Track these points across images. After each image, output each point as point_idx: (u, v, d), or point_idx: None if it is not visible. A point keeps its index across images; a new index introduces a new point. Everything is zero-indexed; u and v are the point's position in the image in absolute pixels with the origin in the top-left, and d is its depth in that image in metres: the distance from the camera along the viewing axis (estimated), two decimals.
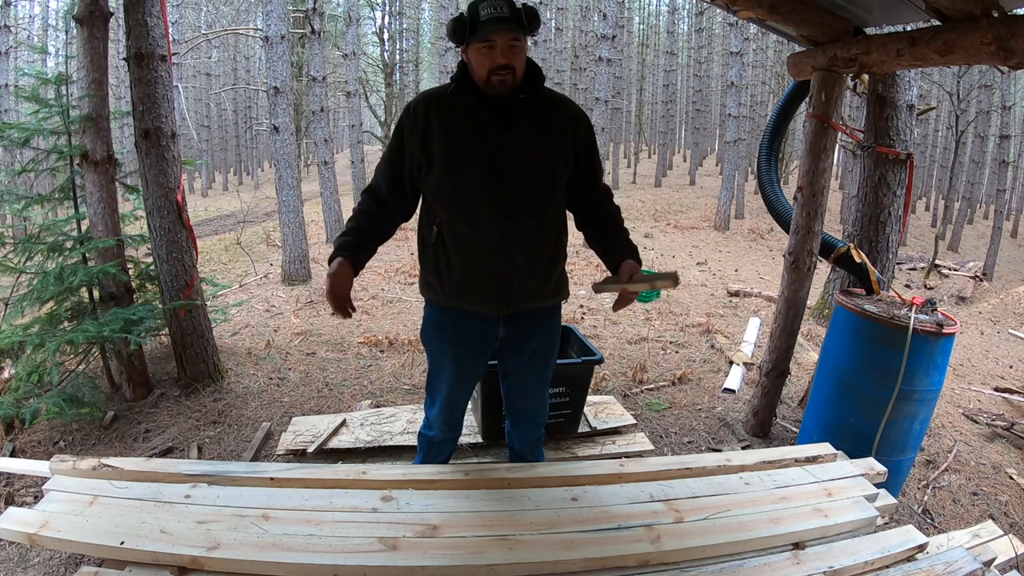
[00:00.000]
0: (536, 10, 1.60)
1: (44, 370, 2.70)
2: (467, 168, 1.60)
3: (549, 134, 1.64)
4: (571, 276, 7.28)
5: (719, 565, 1.59)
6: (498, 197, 1.60)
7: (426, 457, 2.07)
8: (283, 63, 6.08)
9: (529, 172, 1.62)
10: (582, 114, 1.73)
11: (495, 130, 1.60)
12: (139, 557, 1.51)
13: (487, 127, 1.60)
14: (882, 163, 3.36)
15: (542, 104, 1.66)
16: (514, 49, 1.54)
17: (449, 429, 2.01)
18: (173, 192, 3.02)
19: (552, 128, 1.65)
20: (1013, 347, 5.27)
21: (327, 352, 4.03)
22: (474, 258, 1.65)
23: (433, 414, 1.95)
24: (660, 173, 20.24)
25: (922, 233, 16.12)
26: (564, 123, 1.66)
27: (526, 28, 1.53)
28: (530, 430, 2.02)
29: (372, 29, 19.87)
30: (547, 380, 1.93)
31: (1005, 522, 2.43)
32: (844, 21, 2.54)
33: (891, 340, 2.25)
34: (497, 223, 1.62)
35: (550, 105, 1.67)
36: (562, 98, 1.71)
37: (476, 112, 1.60)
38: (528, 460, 2.07)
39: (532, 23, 1.55)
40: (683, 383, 3.70)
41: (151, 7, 2.84)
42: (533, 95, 1.63)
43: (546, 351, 1.86)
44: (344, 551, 1.52)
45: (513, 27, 1.51)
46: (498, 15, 1.49)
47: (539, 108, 1.65)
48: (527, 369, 1.87)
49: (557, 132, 1.65)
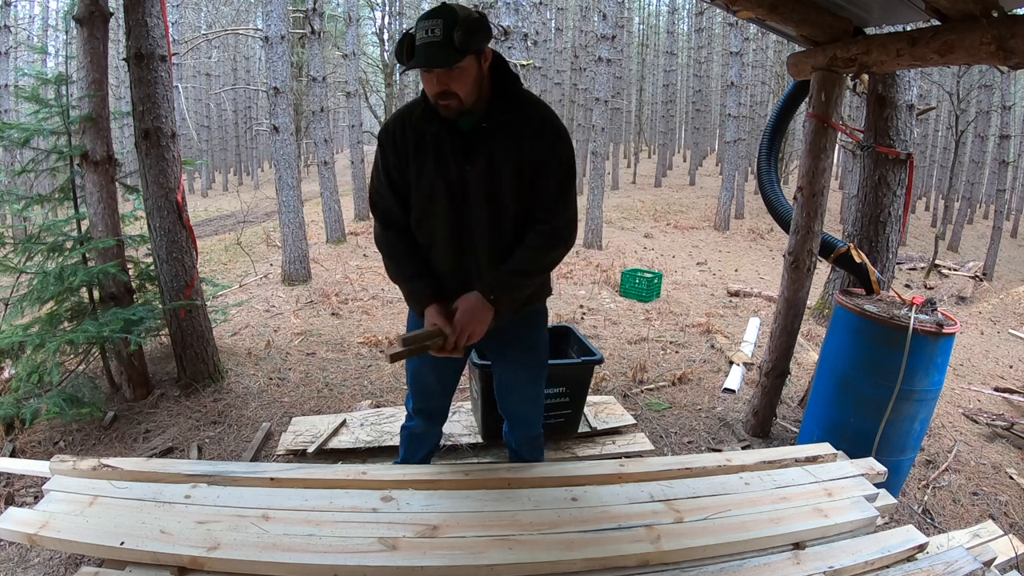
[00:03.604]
0: (480, 23, 1.42)
1: (44, 370, 2.70)
2: (431, 204, 1.58)
3: (513, 163, 1.52)
4: (571, 276, 7.29)
5: (719, 565, 1.59)
6: (459, 234, 1.59)
7: (407, 452, 2.07)
8: (283, 63, 6.08)
9: (490, 209, 1.55)
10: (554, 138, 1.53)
11: (458, 162, 1.52)
12: (139, 557, 1.51)
13: (450, 159, 1.53)
14: (882, 163, 3.36)
15: (510, 128, 1.51)
16: (453, 74, 1.41)
17: (427, 421, 1.99)
18: (173, 192, 3.02)
19: (519, 156, 1.51)
20: (1013, 347, 5.27)
21: (327, 352, 4.03)
22: (443, 280, 1.65)
23: (410, 404, 1.97)
24: (660, 173, 20.25)
25: (922, 233, 16.13)
26: (532, 149, 1.51)
27: (460, 51, 1.38)
28: (525, 429, 2.02)
29: (372, 29, 19.88)
30: (536, 378, 1.91)
31: (1005, 522, 2.43)
32: (844, 21, 2.54)
33: (891, 340, 2.25)
34: (460, 257, 1.63)
35: (518, 128, 1.51)
36: (536, 117, 1.53)
37: (441, 141, 1.52)
38: (527, 459, 2.07)
39: (471, 41, 1.38)
40: (683, 383, 3.70)
41: (151, 7, 2.84)
42: (499, 118, 1.50)
43: (529, 351, 1.84)
44: (344, 551, 1.52)
45: (443, 58, 1.37)
46: (430, 40, 1.37)
47: (505, 134, 1.51)
48: (512, 370, 1.88)
49: (524, 160, 1.52)
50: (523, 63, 3.88)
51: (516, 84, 1.56)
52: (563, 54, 23.04)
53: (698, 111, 23.75)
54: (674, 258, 9.43)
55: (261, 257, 7.83)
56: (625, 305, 5.77)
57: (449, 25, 1.36)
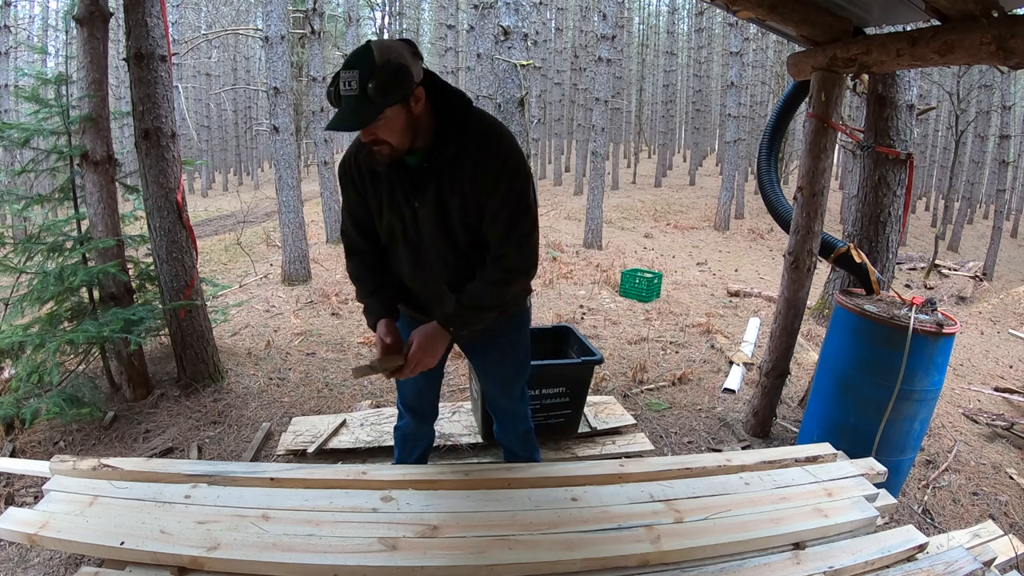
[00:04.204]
0: (399, 71, 1.31)
1: (44, 370, 2.70)
2: (391, 237, 1.62)
3: (461, 197, 1.48)
4: (571, 276, 7.28)
5: (719, 565, 1.59)
6: (420, 264, 1.62)
7: (401, 452, 2.08)
8: (283, 63, 6.08)
9: (444, 242, 1.55)
10: (500, 169, 1.46)
11: (407, 199, 1.51)
12: (139, 557, 1.51)
13: (399, 196, 1.52)
14: (882, 163, 3.36)
15: (455, 163, 1.45)
16: (378, 124, 1.35)
17: (416, 420, 1.99)
18: (173, 192, 3.02)
19: (465, 190, 1.47)
20: (1013, 347, 5.27)
21: (327, 352, 4.03)
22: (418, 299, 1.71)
23: (399, 402, 1.99)
24: (660, 173, 20.26)
25: (922, 233, 16.13)
26: (478, 182, 1.46)
27: (377, 108, 1.30)
28: (512, 424, 2.03)
29: (372, 29, 19.89)
30: (518, 376, 1.92)
31: (1005, 522, 2.43)
32: (844, 21, 2.54)
33: (891, 340, 2.25)
34: (422, 284, 1.66)
35: (462, 163, 1.45)
36: (481, 149, 1.45)
37: (390, 178, 1.51)
38: (519, 455, 2.07)
39: (388, 95, 1.30)
40: (683, 383, 3.70)
41: (151, 7, 2.84)
42: (442, 155, 1.45)
43: (509, 350, 1.85)
44: (344, 551, 1.52)
45: (357, 119, 1.31)
46: (348, 93, 1.29)
47: (450, 169, 1.46)
48: (494, 369, 1.90)
49: (472, 193, 1.48)
50: (523, 63, 3.88)
51: (460, 114, 1.46)
52: (563, 54, 23.06)
53: (698, 111, 23.75)
54: (674, 258, 9.43)
55: (261, 257, 7.83)
56: (625, 305, 5.77)
57: (364, 77, 1.27)
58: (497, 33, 3.90)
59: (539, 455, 2.14)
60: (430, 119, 1.44)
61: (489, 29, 8.66)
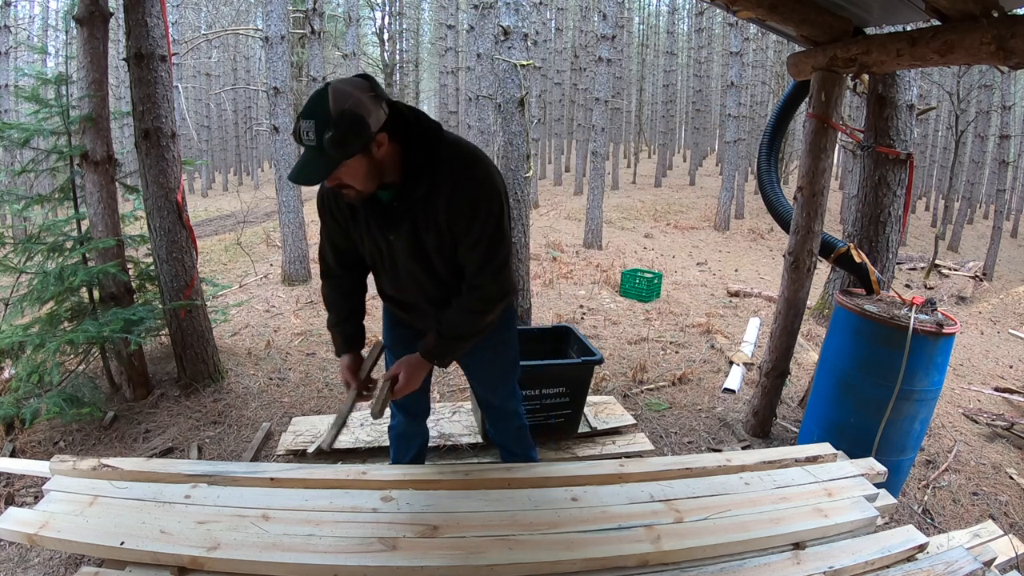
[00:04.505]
0: (355, 122, 1.26)
1: (44, 370, 2.70)
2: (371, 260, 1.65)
3: (435, 231, 1.48)
4: (571, 276, 7.27)
5: (719, 565, 1.59)
6: (399, 285, 1.66)
7: (397, 451, 2.09)
8: (283, 63, 6.08)
9: (422, 272, 1.57)
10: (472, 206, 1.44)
11: (383, 232, 1.52)
12: (139, 557, 1.51)
13: (375, 229, 1.53)
14: (882, 163, 3.36)
15: (426, 200, 1.44)
16: (340, 171, 1.33)
17: (408, 418, 2.00)
18: (173, 192, 3.02)
19: (439, 225, 1.47)
20: (1013, 347, 5.27)
21: (327, 352, 4.03)
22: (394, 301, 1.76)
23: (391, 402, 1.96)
24: (660, 173, 20.25)
25: (922, 233, 16.13)
26: (451, 218, 1.46)
27: (333, 161, 1.28)
28: (506, 422, 2.03)
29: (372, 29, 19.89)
30: (509, 372, 1.93)
31: (1005, 522, 2.43)
32: (844, 21, 2.54)
33: (891, 340, 2.25)
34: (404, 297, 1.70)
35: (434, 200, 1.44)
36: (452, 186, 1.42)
37: (365, 212, 1.51)
38: (515, 452, 2.08)
39: (344, 149, 1.27)
40: (683, 383, 3.70)
41: (151, 7, 2.84)
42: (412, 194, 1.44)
43: (499, 350, 1.87)
44: (344, 551, 1.52)
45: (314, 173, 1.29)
46: (306, 143, 1.28)
47: (422, 206, 1.45)
48: (483, 369, 1.91)
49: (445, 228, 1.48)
50: (523, 63, 3.88)
51: (429, 149, 1.43)
52: (563, 54, 23.05)
53: (698, 111, 23.75)
54: (674, 258, 9.43)
55: (261, 257, 7.83)
56: (625, 305, 5.77)
57: (320, 129, 1.24)
58: (497, 33, 3.90)
59: (535, 453, 2.14)
60: (398, 157, 1.41)
61: (489, 29, 8.66)
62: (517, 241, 3.92)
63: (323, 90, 1.28)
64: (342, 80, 1.31)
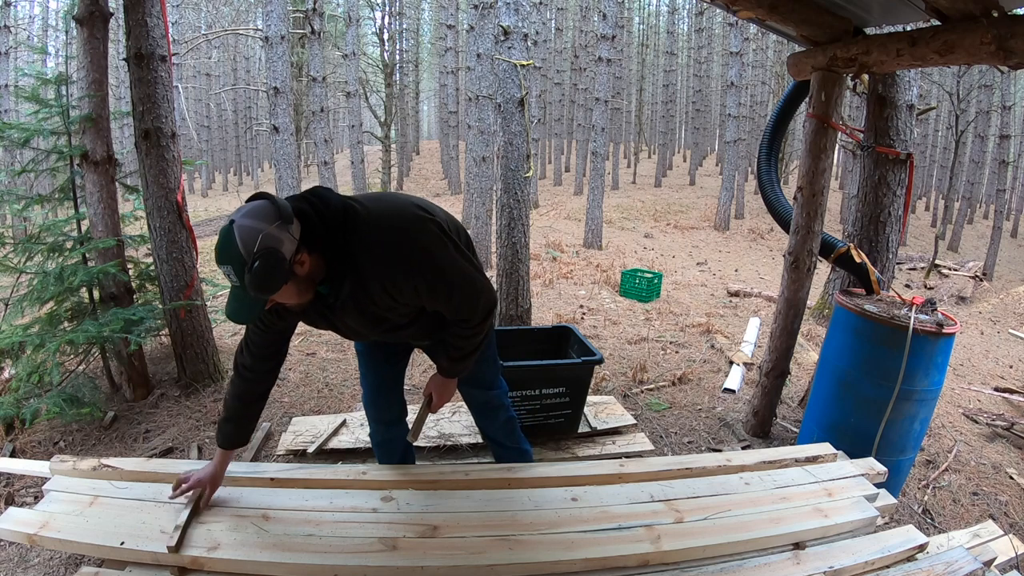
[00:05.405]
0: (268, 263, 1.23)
1: (44, 370, 2.70)
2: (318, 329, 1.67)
3: (379, 307, 1.49)
4: (571, 276, 7.26)
5: (719, 565, 1.59)
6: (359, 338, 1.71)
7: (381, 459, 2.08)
8: (283, 63, 6.08)
9: (375, 330, 1.60)
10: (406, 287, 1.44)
11: (334, 317, 1.54)
12: (139, 557, 1.51)
13: (318, 315, 1.54)
14: (882, 163, 3.36)
15: (359, 289, 1.44)
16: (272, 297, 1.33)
17: (383, 426, 1.98)
18: (173, 192, 3.02)
19: (380, 304, 1.48)
20: (1013, 347, 5.27)
21: (327, 352, 4.03)
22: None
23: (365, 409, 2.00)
24: (660, 173, 20.26)
25: (922, 233, 16.13)
26: (393, 299, 1.47)
27: (259, 303, 1.30)
28: (493, 414, 2.04)
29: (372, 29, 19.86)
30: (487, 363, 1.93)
31: (1005, 522, 2.43)
32: (844, 21, 2.54)
33: (891, 340, 2.25)
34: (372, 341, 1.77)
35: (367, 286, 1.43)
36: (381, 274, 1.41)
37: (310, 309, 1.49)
38: (506, 445, 2.08)
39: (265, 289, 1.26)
40: (683, 383, 3.70)
41: (151, 7, 2.84)
42: (344, 294, 1.44)
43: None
44: (344, 551, 1.52)
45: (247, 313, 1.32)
46: (232, 283, 1.27)
47: (358, 294, 1.45)
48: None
49: (393, 304, 1.49)
50: (523, 63, 3.88)
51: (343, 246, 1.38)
52: (563, 54, 23.05)
53: (698, 111, 23.75)
54: (674, 258, 9.43)
55: None
56: (625, 305, 5.77)
57: (239, 272, 1.23)
58: (497, 33, 3.90)
59: (527, 445, 2.15)
60: (320, 259, 1.39)
61: (489, 29, 8.65)
62: (517, 241, 3.92)
63: (229, 231, 1.24)
64: (245, 214, 1.25)
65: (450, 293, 1.50)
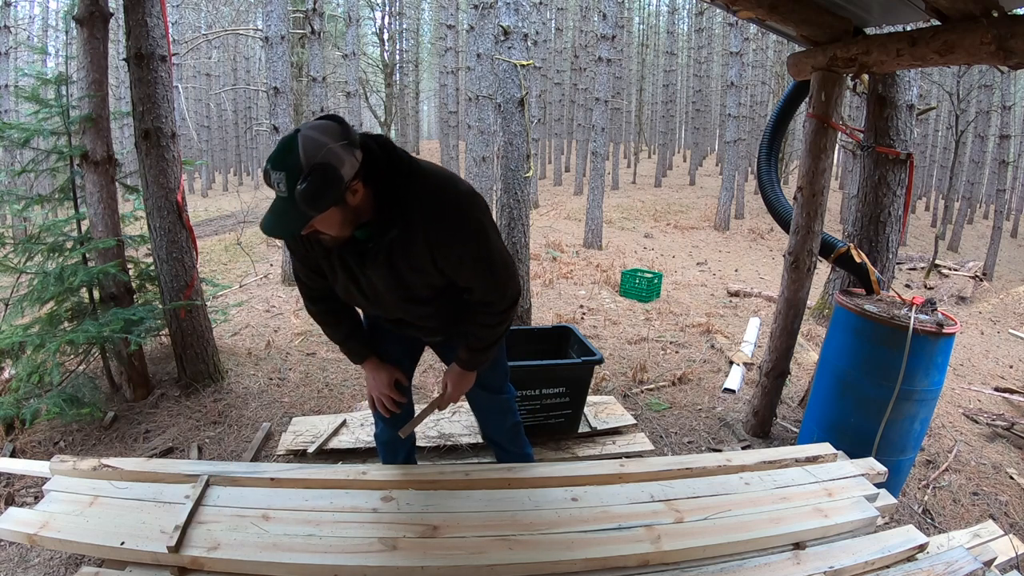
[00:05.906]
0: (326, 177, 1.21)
1: (44, 370, 2.70)
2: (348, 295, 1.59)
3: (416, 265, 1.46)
4: (571, 276, 7.26)
5: (719, 565, 1.59)
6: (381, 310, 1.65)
7: (385, 457, 2.07)
8: (283, 63, 6.08)
9: (399, 300, 1.56)
10: (450, 239, 1.41)
11: (360, 268, 1.49)
12: (139, 557, 1.51)
13: (352, 266, 1.49)
14: (882, 163, 3.36)
15: (404, 240, 1.41)
16: (316, 221, 1.29)
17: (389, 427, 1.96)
18: (173, 192, 3.02)
19: (419, 260, 1.44)
20: (1013, 347, 5.27)
21: (327, 352, 4.03)
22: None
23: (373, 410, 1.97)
24: (660, 173, 20.26)
25: (922, 233, 16.13)
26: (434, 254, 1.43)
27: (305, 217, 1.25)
28: (500, 419, 2.02)
29: (372, 29, 19.88)
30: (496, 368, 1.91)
31: (1005, 522, 2.43)
32: (844, 21, 2.54)
33: (891, 340, 2.25)
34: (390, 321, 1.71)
35: (410, 239, 1.40)
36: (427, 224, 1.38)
37: (339, 249, 1.46)
38: (509, 450, 2.07)
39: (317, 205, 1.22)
40: (683, 383, 3.70)
41: (151, 7, 2.84)
42: (386, 235, 1.40)
43: None
44: (344, 551, 1.52)
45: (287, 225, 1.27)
46: (278, 194, 1.24)
47: (398, 244, 1.41)
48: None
49: (429, 261, 1.45)
50: (523, 63, 3.88)
51: (401, 189, 1.37)
52: (563, 54, 23.06)
53: (698, 111, 23.75)
54: (674, 258, 9.43)
55: (261, 257, 7.83)
56: (625, 305, 5.77)
57: (292, 180, 1.20)
58: (497, 33, 3.90)
59: (530, 449, 2.14)
60: (371, 198, 1.37)
61: (489, 29, 8.65)
62: (517, 241, 3.92)
63: (292, 139, 1.22)
64: (313, 127, 1.24)
65: (490, 270, 1.49)
